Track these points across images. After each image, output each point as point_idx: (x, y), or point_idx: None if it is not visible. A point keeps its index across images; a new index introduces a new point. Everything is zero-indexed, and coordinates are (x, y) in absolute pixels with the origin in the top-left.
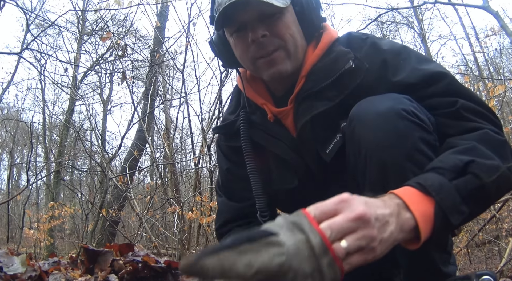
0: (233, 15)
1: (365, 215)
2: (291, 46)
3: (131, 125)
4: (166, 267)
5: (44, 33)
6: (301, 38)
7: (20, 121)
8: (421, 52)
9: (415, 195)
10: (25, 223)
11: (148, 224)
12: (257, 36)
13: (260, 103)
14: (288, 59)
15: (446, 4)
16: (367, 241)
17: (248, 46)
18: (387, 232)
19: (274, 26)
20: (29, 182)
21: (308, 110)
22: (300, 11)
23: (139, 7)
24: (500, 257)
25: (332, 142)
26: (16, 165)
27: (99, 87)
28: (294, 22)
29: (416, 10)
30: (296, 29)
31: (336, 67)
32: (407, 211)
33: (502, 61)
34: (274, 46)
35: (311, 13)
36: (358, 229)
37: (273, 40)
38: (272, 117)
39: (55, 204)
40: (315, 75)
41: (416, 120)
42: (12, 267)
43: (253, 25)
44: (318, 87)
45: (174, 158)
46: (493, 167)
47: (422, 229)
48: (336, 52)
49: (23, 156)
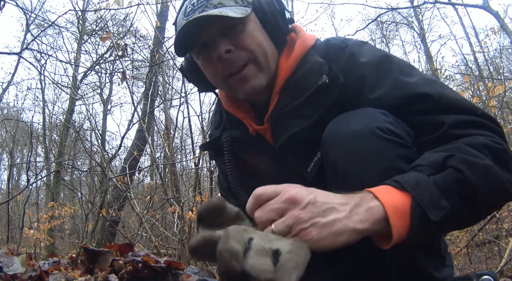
0: (194, 35)
1: (294, 197)
2: (261, 56)
3: (131, 125)
4: (166, 267)
5: (44, 33)
6: (270, 45)
7: (20, 121)
8: (404, 60)
9: (389, 190)
10: (25, 223)
11: (148, 224)
12: (221, 52)
13: (241, 117)
14: (260, 72)
15: (446, 4)
16: (293, 221)
17: (216, 66)
18: (328, 217)
19: (238, 38)
20: (29, 182)
21: (285, 131)
22: (263, 17)
23: (139, 7)
24: (500, 257)
25: (313, 160)
26: (16, 165)
27: (99, 87)
28: (260, 30)
29: (416, 10)
30: (263, 37)
31: (310, 82)
32: (374, 200)
33: (502, 61)
34: (243, 61)
35: (276, 17)
36: (287, 211)
37: (240, 54)
38: (253, 131)
39: (55, 204)
40: (289, 92)
41: (393, 137)
42: (12, 267)
43: (215, 42)
44: (292, 106)
45: (174, 158)
46: (478, 164)
47: (394, 223)
48: (310, 63)
49: (23, 156)
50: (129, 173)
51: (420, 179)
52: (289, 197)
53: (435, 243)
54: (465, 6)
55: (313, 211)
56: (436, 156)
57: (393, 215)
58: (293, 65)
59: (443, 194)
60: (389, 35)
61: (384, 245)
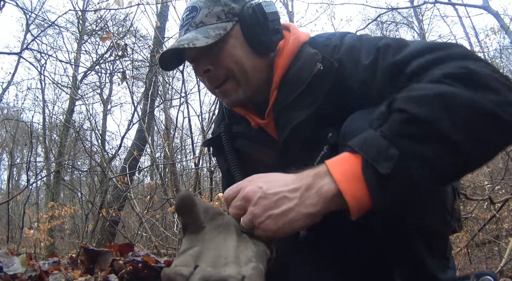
0: (175, 58)
1: (246, 195)
2: (239, 73)
3: (131, 125)
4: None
5: (44, 33)
6: (251, 59)
7: (20, 121)
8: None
9: (344, 158)
10: (25, 223)
11: (148, 224)
12: (200, 72)
13: (243, 113)
14: (239, 87)
15: (446, 4)
16: (251, 217)
17: (203, 79)
18: (281, 207)
19: (216, 57)
20: (29, 182)
21: (288, 123)
22: (246, 30)
23: (139, 7)
24: (500, 257)
25: (320, 154)
26: (16, 165)
27: (99, 87)
28: (240, 46)
29: (416, 10)
30: (243, 52)
31: (305, 73)
32: (326, 177)
33: (502, 61)
34: (222, 78)
35: (259, 30)
36: (246, 207)
37: (219, 71)
38: (256, 125)
39: (55, 204)
40: (287, 85)
41: None
42: (12, 267)
43: (198, 61)
44: (291, 98)
45: (174, 158)
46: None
47: (348, 191)
48: (304, 56)
49: (23, 156)
50: (129, 173)
51: (368, 135)
52: (243, 195)
53: (440, 243)
54: (465, 6)
55: (265, 205)
56: (382, 107)
57: (345, 184)
58: (287, 62)
59: (391, 143)
60: (389, 35)
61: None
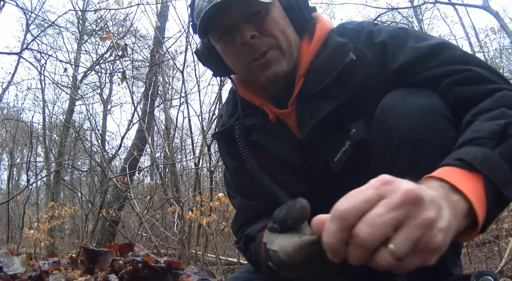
0: (217, 19)
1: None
2: (284, 43)
3: (131, 125)
4: (166, 267)
5: (44, 33)
6: (293, 33)
7: (20, 121)
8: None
9: (459, 174)
10: (25, 223)
11: (148, 224)
12: (246, 38)
13: (259, 104)
14: (283, 58)
15: (446, 4)
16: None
17: (238, 50)
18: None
19: (263, 24)
20: (29, 182)
21: (315, 113)
22: (287, 5)
23: (139, 7)
24: (500, 257)
25: (341, 149)
26: (16, 165)
27: (99, 87)
28: (283, 17)
29: (416, 10)
30: (286, 24)
31: (336, 61)
32: (455, 193)
33: (502, 61)
34: (266, 46)
35: (299, 4)
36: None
37: (264, 39)
38: (274, 118)
39: (55, 204)
40: (315, 73)
41: (453, 119)
42: (12, 267)
43: (240, 27)
44: (320, 87)
45: (174, 158)
46: None
47: (478, 211)
48: (332, 44)
49: (23, 156)
50: (129, 173)
51: (486, 154)
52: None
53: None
54: (465, 6)
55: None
56: (492, 126)
57: (477, 204)
58: (316, 48)
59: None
60: None
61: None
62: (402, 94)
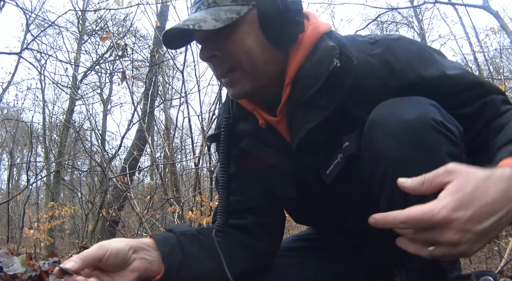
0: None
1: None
2: (247, 64)
3: (131, 125)
4: None
5: (44, 33)
6: (264, 50)
7: (20, 121)
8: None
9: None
10: (25, 223)
11: (148, 224)
12: (205, 57)
13: (250, 108)
14: (246, 79)
15: (446, 4)
16: None
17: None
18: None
19: (225, 44)
20: (29, 182)
21: (302, 124)
22: (263, 17)
23: (139, 7)
24: (500, 257)
25: (333, 162)
26: (16, 165)
27: (99, 87)
28: (253, 34)
29: (416, 10)
30: (254, 42)
31: (322, 69)
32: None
33: (502, 61)
34: (227, 67)
35: (279, 18)
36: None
37: (225, 59)
38: (264, 124)
39: (55, 204)
40: (302, 82)
41: (445, 132)
42: (12, 267)
43: (205, 44)
44: (306, 97)
45: (174, 158)
46: None
47: None
48: (321, 50)
49: (23, 156)
50: (129, 173)
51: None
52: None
53: None
54: (465, 6)
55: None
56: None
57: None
58: (304, 54)
59: None
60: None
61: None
62: (389, 109)
